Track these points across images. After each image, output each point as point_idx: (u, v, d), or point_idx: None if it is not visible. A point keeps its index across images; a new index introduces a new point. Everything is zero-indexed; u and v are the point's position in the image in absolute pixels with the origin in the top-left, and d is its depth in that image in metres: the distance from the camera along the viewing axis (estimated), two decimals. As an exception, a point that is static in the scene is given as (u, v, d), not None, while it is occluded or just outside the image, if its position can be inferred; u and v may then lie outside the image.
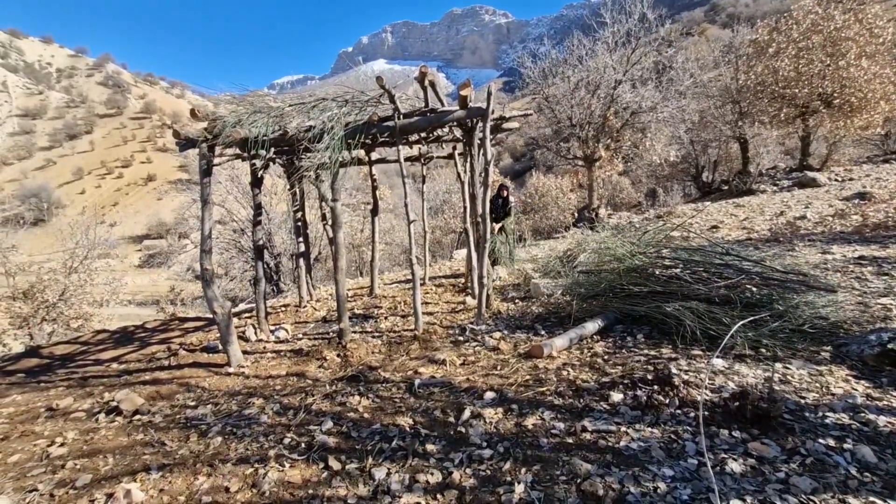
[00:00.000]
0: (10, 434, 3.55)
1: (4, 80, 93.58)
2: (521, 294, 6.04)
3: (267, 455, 2.70)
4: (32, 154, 78.44)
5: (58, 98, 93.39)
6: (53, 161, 75.66)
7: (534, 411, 2.88)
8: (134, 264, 47.14)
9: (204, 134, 4.15)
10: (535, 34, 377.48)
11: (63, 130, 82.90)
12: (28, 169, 73.36)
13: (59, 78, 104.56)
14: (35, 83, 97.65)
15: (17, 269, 12.22)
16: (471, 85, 4.16)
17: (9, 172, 73.04)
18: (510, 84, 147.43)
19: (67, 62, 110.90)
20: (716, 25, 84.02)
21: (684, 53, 15.89)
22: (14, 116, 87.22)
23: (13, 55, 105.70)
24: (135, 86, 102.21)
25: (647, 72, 13.85)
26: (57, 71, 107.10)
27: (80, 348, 6.29)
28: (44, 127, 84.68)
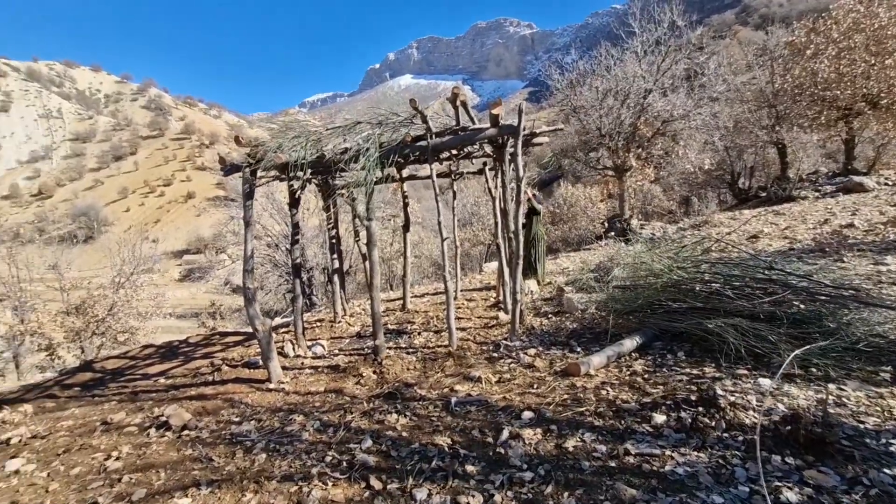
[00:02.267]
0: (71, 447, 3.76)
1: (59, 107, 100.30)
2: (554, 309, 5.98)
3: (310, 473, 2.76)
4: (83, 175, 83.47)
5: (105, 122, 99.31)
6: (101, 181, 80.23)
7: (574, 432, 2.84)
8: (174, 278, 49.15)
9: (247, 159, 4.36)
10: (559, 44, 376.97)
11: (110, 152, 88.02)
12: (79, 189, 78.03)
13: (107, 103, 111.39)
14: (85, 109, 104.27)
15: (71, 285, 12.97)
16: (501, 104, 4.21)
17: (62, 193, 77.91)
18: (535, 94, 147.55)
19: (114, 88, 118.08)
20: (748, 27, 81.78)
21: (716, 58, 15.53)
22: (67, 140, 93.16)
23: (67, 84, 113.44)
24: (175, 108, 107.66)
25: (677, 79, 13.60)
26: (105, 97, 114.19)
27: (129, 362, 6.61)
28: (93, 149, 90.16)
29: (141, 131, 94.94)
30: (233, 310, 19.04)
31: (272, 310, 15.72)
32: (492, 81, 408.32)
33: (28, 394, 5.79)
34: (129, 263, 13.56)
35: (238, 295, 28.24)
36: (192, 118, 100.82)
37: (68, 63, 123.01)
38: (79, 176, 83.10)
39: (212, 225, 54.49)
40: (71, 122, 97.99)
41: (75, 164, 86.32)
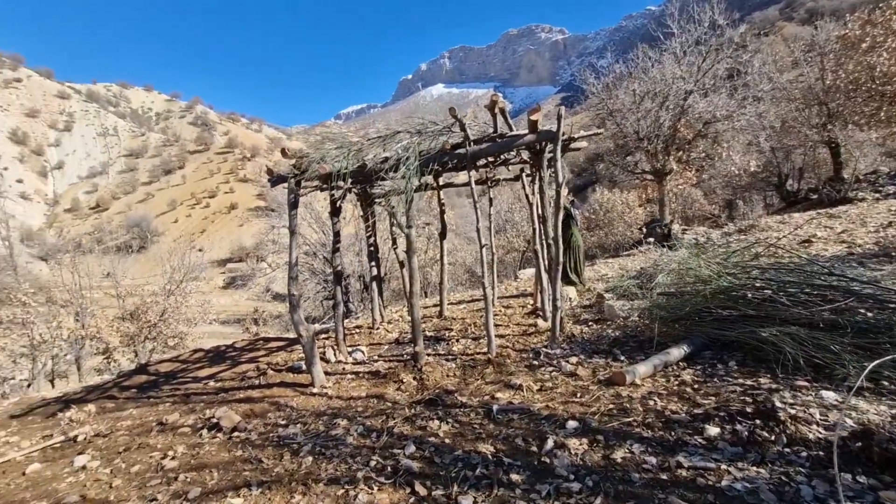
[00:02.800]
0: (131, 445, 3.97)
1: (115, 126, 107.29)
2: (594, 316, 5.86)
3: (356, 477, 2.81)
4: (135, 188, 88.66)
5: (156, 138, 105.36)
6: (152, 194, 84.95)
7: (621, 443, 2.77)
8: (219, 286, 51.24)
9: (293, 170, 4.53)
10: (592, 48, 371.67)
11: (160, 167, 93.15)
12: (132, 202, 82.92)
13: (158, 120, 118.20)
14: (138, 126, 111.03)
15: (126, 293, 13.76)
16: (541, 110, 4.20)
17: (117, 206, 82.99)
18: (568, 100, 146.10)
19: (164, 106, 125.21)
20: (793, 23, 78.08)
21: (760, 56, 14.90)
22: (122, 157, 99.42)
23: (122, 103, 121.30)
24: (219, 123, 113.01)
25: (719, 79, 13.13)
26: (156, 114, 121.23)
27: (180, 366, 6.93)
28: (145, 164, 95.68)
29: (188, 146, 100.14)
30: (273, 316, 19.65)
31: (310, 316, 16.11)
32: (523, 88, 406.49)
33: (90, 394, 6.16)
34: (179, 271, 14.29)
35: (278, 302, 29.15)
36: (235, 132, 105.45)
37: (123, 84, 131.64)
38: (132, 189, 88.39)
39: (253, 234, 56.62)
40: (125, 140, 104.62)
41: (129, 178, 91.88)
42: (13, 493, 3.42)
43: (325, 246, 14.67)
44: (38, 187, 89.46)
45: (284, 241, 19.46)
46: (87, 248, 25.95)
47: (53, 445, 4.35)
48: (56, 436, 4.56)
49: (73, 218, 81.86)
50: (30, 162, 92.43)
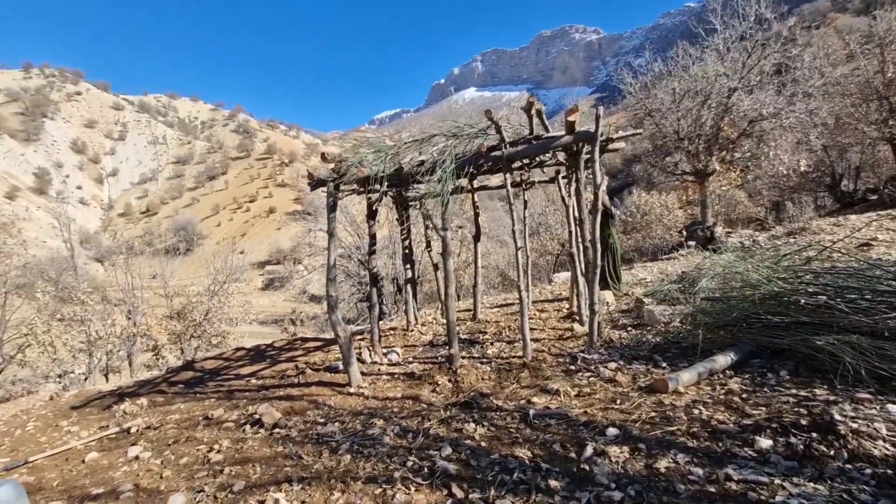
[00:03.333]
0: (179, 438, 4.16)
1: (164, 135, 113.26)
2: (633, 321, 5.70)
3: (393, 477, 2.83)
4: (182, 194, 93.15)
5: (201, 146, 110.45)
6: (197, 199, 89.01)
7: (665, 452, 2.67)
8: (258, 287, 53.02)
9: (331, 174, 4.64)
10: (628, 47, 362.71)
11: (205, 173, 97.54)
12: (179, 206, 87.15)
13: (203, 129, 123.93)
14: (185, 135, 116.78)
15: (173, 293, 14.44)
16: (578, 110, 4.13)
17: (165, 210, 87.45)
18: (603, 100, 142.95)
19: (209, 115, 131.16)
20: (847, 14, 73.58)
21: (811, 50, 14.11)
22: (170, 164, 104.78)
23: (170, 113, 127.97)
24: (259, 131, 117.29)
25: (765, 76, 12.52)
26: (201, 123, 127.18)
27: (223, 363, 7.20)
28: (191, 171, 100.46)
29: (231, 153, 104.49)
30: (310, 317, 20.15)
31: (345, 318, 16.38)
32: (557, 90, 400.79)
33: (141, 389, 6.50)
34: (222, 273, 14.89)
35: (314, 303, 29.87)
36: (274, 139, 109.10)
37: (172, 95, 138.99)
38: (179, 195, 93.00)
39: (290, 237, 58.31)
40: (173, 147, 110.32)
41: (176, 184, 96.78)
42: (75, 479, 3.65)
43: (360, 249, 14.94)
44: (94, 193, 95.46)
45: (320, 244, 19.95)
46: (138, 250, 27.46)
47: (109, 436, 4.62)
48: (111, 427, 4.84)
49: (126, 222, 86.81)
50: (88, 170, 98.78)
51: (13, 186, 76.86)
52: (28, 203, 74.66)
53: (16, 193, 75.17)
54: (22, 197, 75.68)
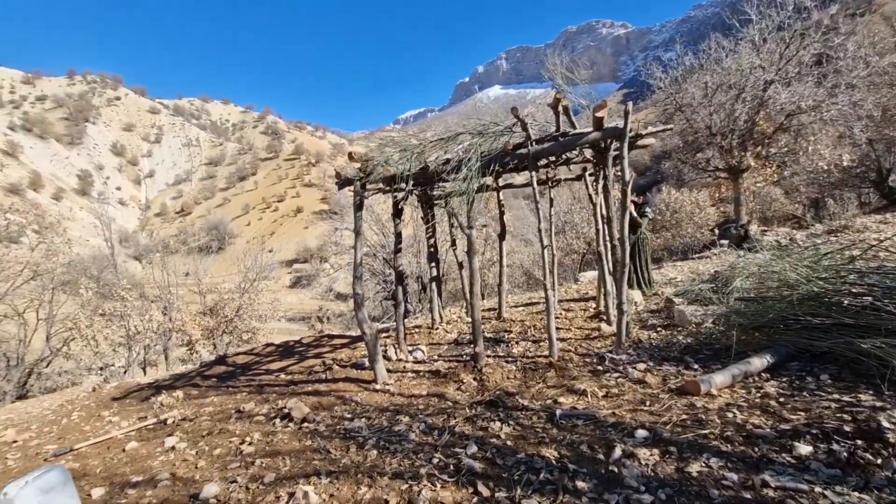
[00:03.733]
0: (213, 430, 4.30)
1: (197, 137, 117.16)
2: (663, 321, 5.56)
3: (419, 473, 2.85)
4: (214, 194, 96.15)
5: (232, 147, 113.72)
6: (228, 199, 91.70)
7: (697, 456, 2.60)
8: (286, 285, 54.26)
9: (358, 173, 4.71)
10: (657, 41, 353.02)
11: (235, 173, 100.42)
12: (211, 206, 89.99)
13: (234, 131, 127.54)
14: (217, 137, 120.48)
15: (206, 290, 14.92)
16: (607, 106, 4.06)
17: (199, 210, 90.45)
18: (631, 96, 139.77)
19: (239, 117, 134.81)
20: None
21: (855, 39, 13.40)
22: (203, 165, 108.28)
23: (203, 116, 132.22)
24: (287, 132, 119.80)
25: (804, 67, 11.98)
26: (232, 125, 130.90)
27: (254, 358, 7.41)
28: (222, 172, 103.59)
29: (260, 154, 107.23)
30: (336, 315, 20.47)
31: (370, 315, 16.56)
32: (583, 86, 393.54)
33: (177, 382, 6.75)
34: (252, 271, 15.29)
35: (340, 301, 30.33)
36: (302, 140, 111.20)
37: (205, 98, 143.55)
38: (211, 195, 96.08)
39: (317, 236, 59.39)
40: (206, 149, 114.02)
41: (209, 184, 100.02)
42: (116, 467, 3.82)
43: (385, 247, 15.08)
44: (133, 194, 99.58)
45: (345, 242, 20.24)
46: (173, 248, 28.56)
47: (147, 426, 4.81)
48: (149, 418, 5.04)
49: (162, 221, 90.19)
50: (126, 171, 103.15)
51: (59, 188, 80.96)
52: (72, 203, 78.55)
53: (61, 194, 79.16)
54: (66, 198, 79.65)
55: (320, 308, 21.23)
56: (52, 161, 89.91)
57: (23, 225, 14.56)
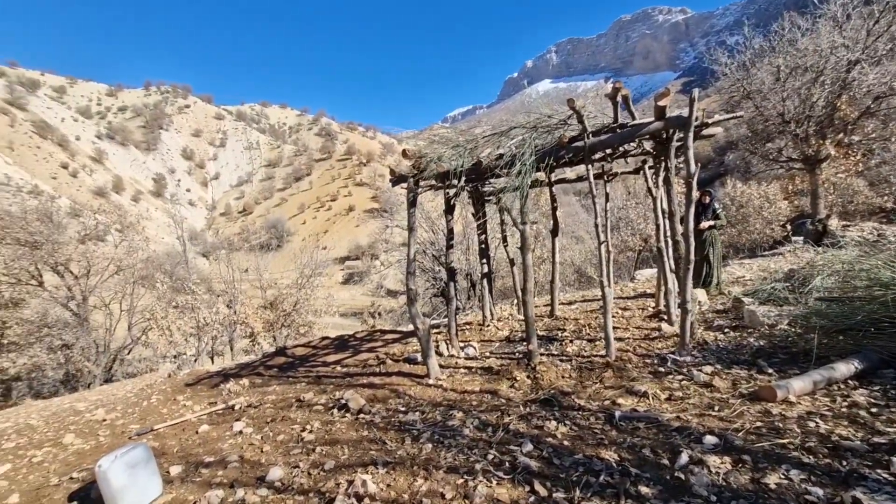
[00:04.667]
0: (276, 417, 4.52)
1: (258, 140, 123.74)
2: (731, 322, 5.21)
3: (474, 468, 2.85)
4: (272, 195, 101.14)
5: (289, 149, 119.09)
6: (286, 199, 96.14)
7: (775, 467, 2.41)
8: (339, 281, 56.08)
9: (412, 170, 4.76)
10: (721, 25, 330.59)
11: (292, 174, 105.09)
12: (270, 206, 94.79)
13: (290, 133, 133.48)
14: (275, 140, 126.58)
15: (267, 285, 15.72)
16: (670, 94, 3.84)
17: (259, 210, 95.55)
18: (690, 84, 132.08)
19: (295, 120, 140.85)
20: None
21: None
22: (262, 167, 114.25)
23: (263, 120, 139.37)
24: (340, 133, 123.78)
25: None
26: (289, 128, 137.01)
27: (311, 351, 7.71)
28: (280, 173, 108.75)
29: (314, 155, 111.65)
30: (387, 311, 20.91)
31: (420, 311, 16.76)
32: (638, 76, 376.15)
33: (242, 371, 7.16)
34: (308, 268, 15.96)
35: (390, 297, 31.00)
36: (353, 140, 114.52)
37: (264, 103, 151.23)
38: (270, 195, 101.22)
39: (368, 234, 60.98)
40: (265, 151, 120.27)
41: (268, 185, 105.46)
42: (190, 447, 4.10)
43: (434, 244, 15.20)
44: (200, 195, 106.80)
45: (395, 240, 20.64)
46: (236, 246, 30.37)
47: (217, 411, 5.13)
48: (219, 403, 5.38)
49: (226, 221, 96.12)
50: (195, 174, 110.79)
51: (137, 190, 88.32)
52: (148, 204, 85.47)
53: (139, 196, 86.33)
54: (144, 199, 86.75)
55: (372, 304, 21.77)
56: (131, 165, 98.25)
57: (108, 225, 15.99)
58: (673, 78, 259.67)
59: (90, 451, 4.52)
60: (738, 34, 16.91)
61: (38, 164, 73.08)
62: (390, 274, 37.20)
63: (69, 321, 12.44)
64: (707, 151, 54.87)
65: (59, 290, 12.58)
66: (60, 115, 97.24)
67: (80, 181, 76.84)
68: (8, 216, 12.35)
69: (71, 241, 13.27)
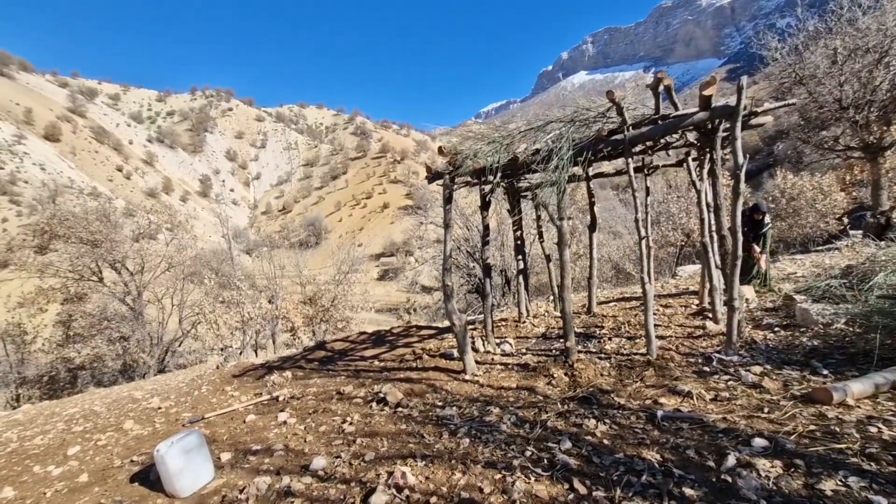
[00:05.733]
0: (318, 409, 4.68)
1: (296, 141, 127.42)
2: (781, 321, 4.97)
3: (512, 464, 2.86)
4: (310, 193, 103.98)
5: (326, 149, 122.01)
6: (323, 197, 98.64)
7: (831, 473, 2.30)
8: (374, 277, 57.09)
9: (447, 167, 4.79)
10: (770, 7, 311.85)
11: (329, 173, 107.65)
12: (308, 204, 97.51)
13: (327, 133, 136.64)
14: (312, 140, 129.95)
15: (306, 281, 16.20)
16: (716, 82, 3.68)
17: (297, 208, 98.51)
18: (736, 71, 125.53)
19: (331, 120, 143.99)
20: None
21: None
22: (301, 166, 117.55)
23: (300, 121, 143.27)
24: (374, 132, 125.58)
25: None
26: (325, 128, 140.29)
27: (349, 345, 7.91)
28: (317, 172, 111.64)
29: (350, 154, 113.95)
30: (422, 307, 21.13)
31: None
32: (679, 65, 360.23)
33: (284, 363, 7.43)
34: (345, 264, 16.33)
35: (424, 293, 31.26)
36: (387, 138, 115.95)
37: (302, 105, 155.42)
38: (308, 194, 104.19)
39: (402, 231, 61.65)
40: (303, 151, 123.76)
41: (306, 184, 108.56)
42: (238, 436, 4.32)
43: (469, 241, 15.21)
44: (243, 195, 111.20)
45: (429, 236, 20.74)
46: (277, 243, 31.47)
47: (262, 402, 5.37)
48: (264, 394, 5.62)
49: (267, 219, 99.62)
50: (238, 175, 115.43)
51: (185, 191, 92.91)
52: (196, 204, 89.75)
53: (187, 196, 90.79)
54: (191, 199, 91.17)
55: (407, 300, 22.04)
56: (179, 167, 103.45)
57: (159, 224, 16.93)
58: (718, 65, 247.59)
59: (148, 436, 4.83)
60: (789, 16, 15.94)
61: (97, 168, 78.09)
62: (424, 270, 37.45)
63: (126, 315, 13.28)
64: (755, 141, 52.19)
65: (117, 285, 13.46)
66: (115, 121, 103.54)
67: (134, 183, 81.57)
68: (73, 217, 13.31)
69: (126, 240, 14.16)
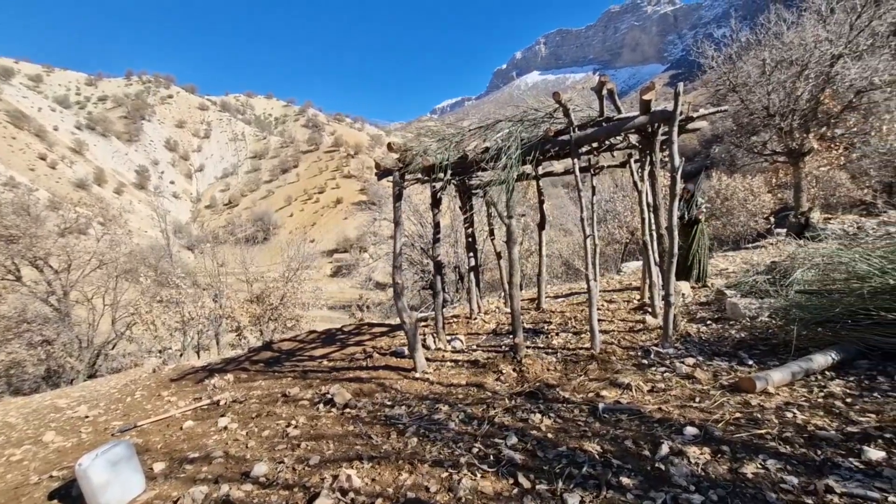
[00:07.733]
0: (261, 412, 4.49)
1: (243, 132, 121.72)
2: (713, 314, 5.30)
3: (459, 462, 2.86)
4: (259, 187, 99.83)
5: (275, 141, 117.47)
6: (272, 191, 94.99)
7: (752, 457, 2.46)
8: (327, 274, 55.79)
9: (397, 164, 4.72)
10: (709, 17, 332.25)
11: (278, 166, 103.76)
12: (256, 198, 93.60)
13: (276, 125, 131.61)
14: (261, 131, 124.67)
15: (253, 278, 15.56)
16: (655, 88, 3.85)
17: (244, 202, 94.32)
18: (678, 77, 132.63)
19: (282, 111, 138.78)
20: None
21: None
22: (248, 159, 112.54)
23: (248, 111, 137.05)
24: (327, 125, 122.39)
25: (879, 38, 10.94)
26: (275, 119, 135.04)
27: (298, 345, 7.66)
28: (266, 165, 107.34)
29: (301, 147, 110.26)
30: (375, 304, 20.89)
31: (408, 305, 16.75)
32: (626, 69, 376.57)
33: (228, 365, 7.08)
34: (295, 261, 15.82)
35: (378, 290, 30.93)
36: (341, 132, 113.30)
37: (249, 94, 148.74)
38: (256, 187, 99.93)
39: (356, 227, 60.61)
40: (251, 143, 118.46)
41: (254, 177, 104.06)
42: (175, 443, 4.06)
43: (423, 237, 15.17)
44: (185, 187, 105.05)
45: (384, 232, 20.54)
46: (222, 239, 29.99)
47: (202, 407, 5.08)
48: (204, 399, 5.32)
49: (211, 213, 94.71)
50: (179, 166, 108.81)
51: (120, 183, 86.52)
52: (131, 197, 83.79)
53: (122, 188, 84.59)
54: (127, 192, 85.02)
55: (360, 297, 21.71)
56: (113, 157, 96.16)
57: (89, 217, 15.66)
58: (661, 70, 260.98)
59: (71, 448, 4.46)
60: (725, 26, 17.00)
61: (14, 155, 71.15)
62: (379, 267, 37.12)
63: (49, 316, 12.19)
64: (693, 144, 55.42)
65: (39, 284, 12.31)
66: (37, 105, 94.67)
67: (60, 173, 74.99)
68: (-18, 209, 12.03)
69: (50, 235, 12.97)
